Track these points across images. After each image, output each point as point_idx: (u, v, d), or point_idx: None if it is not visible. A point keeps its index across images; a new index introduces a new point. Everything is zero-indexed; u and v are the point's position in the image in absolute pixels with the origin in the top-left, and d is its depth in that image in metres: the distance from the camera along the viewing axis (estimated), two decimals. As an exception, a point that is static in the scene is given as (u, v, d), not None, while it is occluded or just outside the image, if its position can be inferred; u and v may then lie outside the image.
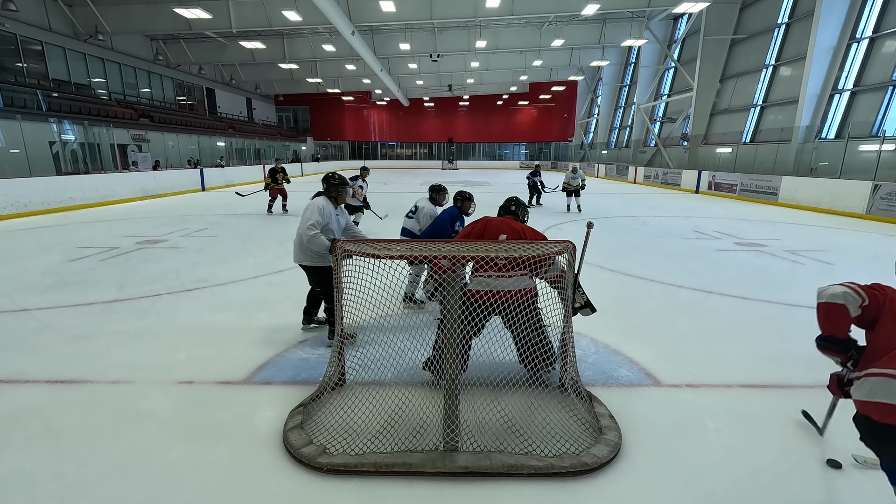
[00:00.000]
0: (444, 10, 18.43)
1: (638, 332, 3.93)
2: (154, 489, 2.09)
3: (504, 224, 3.13)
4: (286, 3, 17.49)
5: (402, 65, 29.74)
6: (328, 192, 3.66)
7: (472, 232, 3.14)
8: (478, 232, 3.11)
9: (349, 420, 2.53)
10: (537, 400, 2.72)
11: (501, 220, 3.18)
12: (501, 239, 3.02)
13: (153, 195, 15.31)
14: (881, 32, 13.52)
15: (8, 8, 15.08)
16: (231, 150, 26.09)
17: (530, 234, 3.10)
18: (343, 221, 3.75)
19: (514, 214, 3.32)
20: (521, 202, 3.41)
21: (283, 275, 5.76)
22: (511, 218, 3.27)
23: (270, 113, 39.37)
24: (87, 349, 3.55)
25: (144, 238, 8.09)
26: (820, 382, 3.11)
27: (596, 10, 17.35)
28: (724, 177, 16.96)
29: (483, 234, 3.10)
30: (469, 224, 3.24)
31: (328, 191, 3.67)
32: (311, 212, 3.47)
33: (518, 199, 3.41)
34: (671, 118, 24.58)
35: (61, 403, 2.80)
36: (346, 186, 3.74)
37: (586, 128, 38.45)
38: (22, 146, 13.43)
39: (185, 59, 25.63)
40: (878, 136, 12.78)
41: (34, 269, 5.93)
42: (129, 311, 4.43)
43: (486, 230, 3.10)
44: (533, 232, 3.15)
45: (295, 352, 3.51)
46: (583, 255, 2.91)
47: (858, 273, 6.17)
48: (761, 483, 2.15)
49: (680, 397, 2.93)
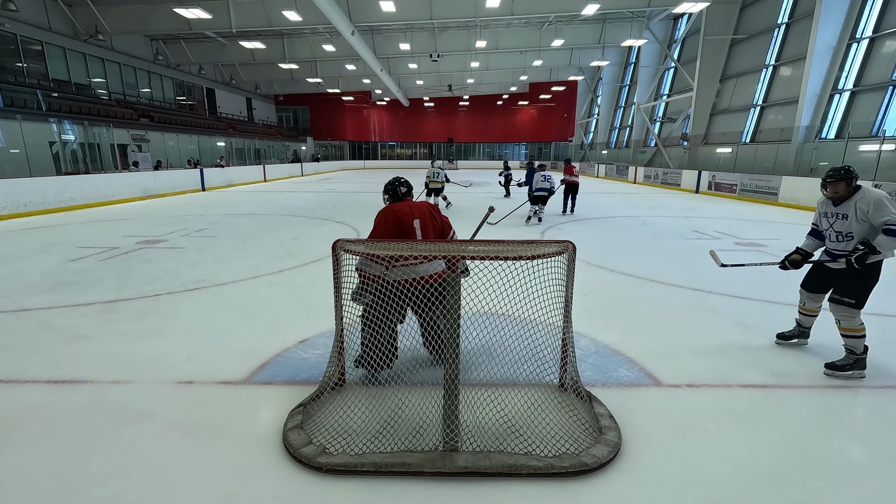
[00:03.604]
0: (444, 10, 18.43)
1: (638, 332, 3.93)
2: (154, 489, 2.09)
3: (406, 207, 3.11)
4: (286, 3, 17.49)
5: (402, 65, 29.75)
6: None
7: (387, 229, 3.02)
8: (392, 228, 3.02)
9: (349, 420, 2.53)
10: (537, 400, 2.72)
11: (409, 205, 3.14)
12: (415, 224, 3.03)
13: (153, 195, 15.32)
14: (881, 32, 13.52)
15: (8, 8, 15.08)
16: (231, 150, 26.10)
17: (426, 209, 3.16)
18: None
19: (410, 195, 3.33)
20: (405, 180, 3.37)
21: (283, 275, 5.76)
22: (409, 199, 3.28)
23: (270, 113, 39.38)
24: (87, 349, 3.55)
25: (144, 238, 8.09)
26: (820, 382, 3.12)
27: (596, 10, 17.35)
28: (724, 177, 16.95)
29: (401, 223, 3.02)
30: (379, 218, 3.09)
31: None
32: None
33: (400, 178, 3.35)
34: (671, 118, 24.58)
35: (61, 403, 2.80)
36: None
37: (586, 128, 38.46)
38: (22, 146, 13.44)
39: (185, 59, 25.64)
40: (878, 136, 12.78)
41: (34, 269, 5.93)
42: (129, 311, 4.43)
43: (402, 221, 3.03)
44: (428, 205, 3.21)
45: (295, 352, 3.50)
46: (477, 230, 3.51)
47: (858, 273, 6.17)
48: (761, 483, 2.15)
49: (680, 397, 2.92)
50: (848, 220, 3.06)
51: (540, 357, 2.89)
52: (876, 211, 2.92)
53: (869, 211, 2.94)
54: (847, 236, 3.09)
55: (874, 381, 3.16)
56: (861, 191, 3.04)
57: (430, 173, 12.20)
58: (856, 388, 3.09)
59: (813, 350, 3.61)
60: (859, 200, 3.01)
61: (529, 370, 2.94)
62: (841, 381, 3.14)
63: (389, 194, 3.30)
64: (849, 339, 3.13)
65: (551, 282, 2.61)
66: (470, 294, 2.61)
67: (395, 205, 3.14)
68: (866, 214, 2.96)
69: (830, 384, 3.09)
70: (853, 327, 3.10)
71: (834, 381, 3.13)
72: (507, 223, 9.89)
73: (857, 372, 3.13)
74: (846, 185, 3.07)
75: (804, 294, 3.49)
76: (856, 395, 3.03)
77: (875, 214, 2.93)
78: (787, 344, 3.62)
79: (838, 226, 3.13)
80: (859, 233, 3.03)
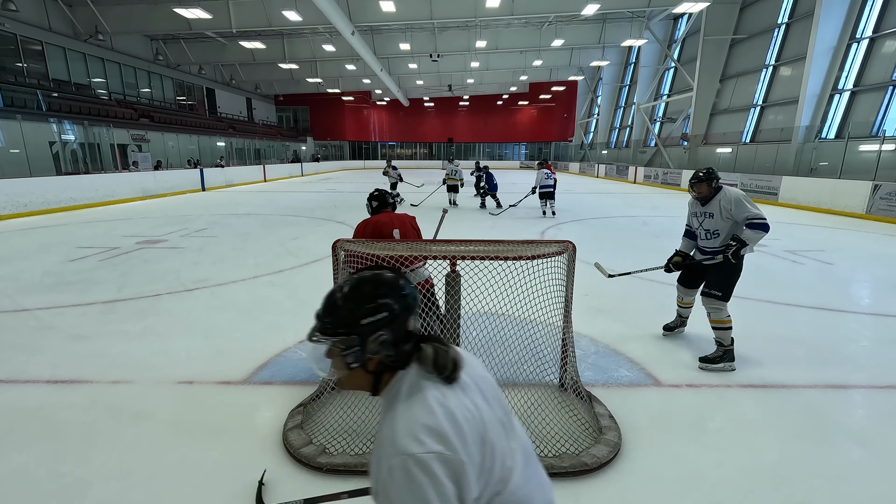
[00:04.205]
0: (444, 10, 18.42)
1: (638, 332, 3.93)
2: (154, 489, 2.09)
3: (386, 217, 3.18)
4: (286, 3, 17.49)
5: (402, 65, 29.74)
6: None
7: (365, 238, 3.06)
8: (371, 238, 3.05)
9: (349, 420, 2.53)
10: (537, 400, 2.72)
11: (388, 216, 3.20)
12: (395, 234, 3.07)
13: (153, 195, 15.31)
14: (881, 32, 13.51)
15: (8, 8, 15.07)
16: (231, 150, 26.09)
17: (408, 221, 3.22)
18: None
19: (392, 206, 3.38)
20: (385, 192, 3.43)
21: (283, 275, 5.76)
22: (390, 210, 3.34)
23: (270, 113, 39.37)
24: (87, 349, 3.55)
25: (144, 238, 8.09)
26: (820, 382, 3.12)
27: (596, 10, 17.34)
28: (724, 177, 16.89)
29: (381, 233, 3.08)
30: (359, 228, 3.16)
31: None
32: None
33: (381, 190, 3.43)
34: (671, 118, 24.57)
35: (61, 403, 2.80)
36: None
37: (586, 128, 38.43)
38: (22, 146, 13.43)
39: (185, 59, 25.63)
40: (878, 136, 12.78)
41: (34, 269, 5.93)
42: (129, 311, 4.43)
43: (382, 230, 3.09)
44: (408, 217, 3.27)
45: (295, 352, 3.50)
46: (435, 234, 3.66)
47: (858, 273, 6.18)
48: (761, 483, 2.15)
49: (680, 397, 2.93)
50: (714, 219, 3.33)
51: (540, 357, 2.89)
52: (737, 209, 3.20)
53: (732, 209, 3.22)
54: (714, 234, 3.36)
55: (874, 380, 3.16)
56: (722, 190, 3.32)
57: (448, 171, 13.07)
58: (856, 388, 3.10)
59: (808, 353, 3.62)
60: (722, 199, 3.27)
61: (529, 370, 2.94)
62: (838, 381, 3.15)
63: (373, 205, 3.35)
64: (718, 331, 3.30)
65: (551, 282, 2.61)
66: (470, 294, 2.61)
67: (375, 216, 3.23)
68: (730, 213, 3.22)
69: (830, 384, 3.10)
70: (720, 319, 3.29)
71: (832, 381, 3.13)
72: (507, 223, 9.89)
73: (727, 364, 3.26)
74: (708, 186, 3.34)
75: (680, 289, 3.75)
76: (855, 396, 3.03)
77: (737, 212, 3.20)
78: (671, 335, 3.86)
79: (707, 224, 3.40)
80: (724, 229, 3.30)
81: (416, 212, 11.02)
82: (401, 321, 0.95)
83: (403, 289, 0.98)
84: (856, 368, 3.35)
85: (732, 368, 3.24)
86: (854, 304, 4.85)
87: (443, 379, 0.94)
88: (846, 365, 3.38)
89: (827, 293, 5.11)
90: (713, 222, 3.34)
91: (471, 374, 1.00)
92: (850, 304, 4.81)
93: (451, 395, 0.92)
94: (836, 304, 4.73)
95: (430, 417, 0.86)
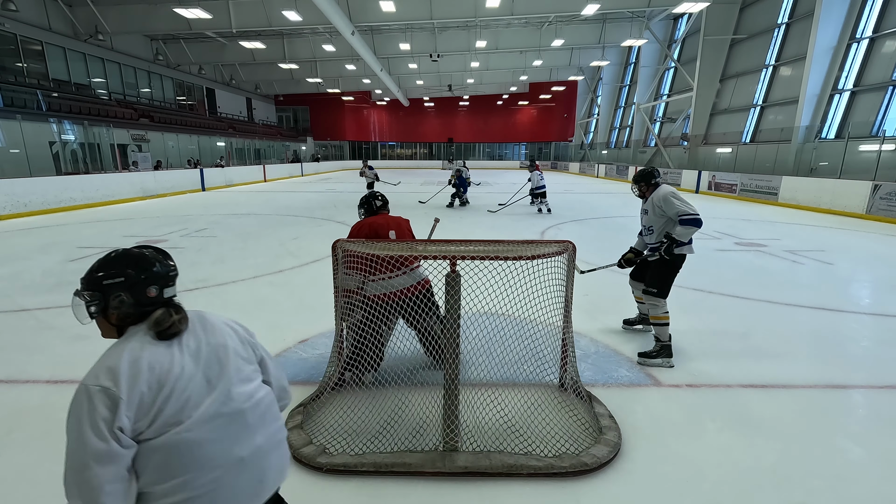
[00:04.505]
0: (444, 10, 18.43)
1: (638, 332, 3.93)
2: (154, 489, 2.08)
3: (381, 219, 3.18)
4: (286, 3, 17.49)
5: (402, 65, 29.74)
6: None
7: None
8: (367, 237, 3.08)
9: (349, 420, 2.53)
10: (537, 400, 2.72)
11: (384, 218, 3.21)
12: (391, 236, 3.08)
13: (153, 195, 15.32)
14: (881, 32, 13.52)
15: (8, 8, 15.08)
16: (231, 150, 26.09)
17: (404, 223, 3.23)
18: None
19: (385, 209, 3.38)
20: (380, 194, 3.43)
21: (283, 275, 5.76)
22: (385, 213, 3.34)
23: (270, 113, 39.37)
24: (87, 349, 3.53)
25: (144, 238, 8.08)
26: (820, 382, 3.12)
27: (596, 10, 17.34)
28: (724, 177, 16.95)
29: (377, 234, 3.08)
30: (354, 229, 3.17)
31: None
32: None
33: (374, 192, 3.43)
34: (671, 118, 24.58)
35: (61, 403, 2.78)
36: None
37: (586, 128, 38.44)
38: (22, 146, 13.44)
39: (185, 59, 25.64)
40: (878, 136, 12.78)
41: (34, 269, 5.93)
42: (129, 311, 4.42)
43: (378, 232, 3.09)
44: (403, 219, 3.27)
45: (295, 352, 3.50)
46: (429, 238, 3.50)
47: (858, 273, 6.18)
48: (761, 483, 2.15)
49: (680, 397, 2.93)
50: (648, 215, 3.48)
51: (540, 357, 2.89)
52: (666, 205, 3.29)
53: (662, 206, 3.32)
54: (649, 230, 3.49)
55: (874, 380, 3.16)
56: (657, 188, 3.45)
57: (455, 170, 13.44)
58: (855, 388, 3.10)
59: (813, 350, 3.62)
60: (654, 197, 3.40)
61: (529, 370, 2.94)
62: (838, 381, 3.15)
63: (365, 208, 3.36)
64: (656, 327, 3.36)
65: (551, 282, 2.61)
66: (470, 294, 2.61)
67: (370, 217, 3.22)
68: (661, 209, 3.32)
69: (830, 384, 3.10)
70: (658, 315, 3.35)
71: (832, 381, 3.13)
72: (507, 223, 9.90)
73: (665, 360, 3.29)
74: (645, 185, 3.51)
75: (632, 284, 3.85)
76: (855, 396, 3.03)
77: (667, 208, 3.30)
78: (632, 329, 3.93)
79: (644, 220, 3.57)
80: (658, 225, 3.39)
81: (417, 211, 11.10)
82: (140, 288, 1.17)
83: (152, 264, 1.20)
84: (856, 368, 3.34)
85: (671, 365, 3.28)
86: (854, 304, 4.85)
87: (156, 335, 1.15)
88: (846, 365, 3.38)
89: (827, 293, 5.11)
90: (648, 218, 3.49)
91: (203, 340, 1.22)
92: (850, 304, 4.80)
93: (152, 347, 1.14)
94: (836, 303, 4.73)
95: (114, 360, 1.11)
